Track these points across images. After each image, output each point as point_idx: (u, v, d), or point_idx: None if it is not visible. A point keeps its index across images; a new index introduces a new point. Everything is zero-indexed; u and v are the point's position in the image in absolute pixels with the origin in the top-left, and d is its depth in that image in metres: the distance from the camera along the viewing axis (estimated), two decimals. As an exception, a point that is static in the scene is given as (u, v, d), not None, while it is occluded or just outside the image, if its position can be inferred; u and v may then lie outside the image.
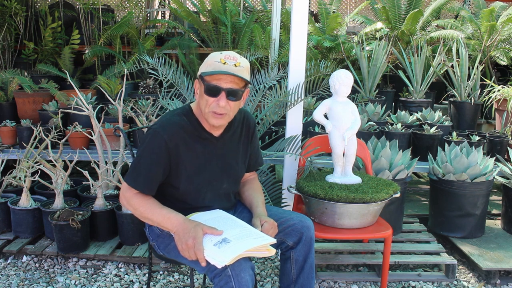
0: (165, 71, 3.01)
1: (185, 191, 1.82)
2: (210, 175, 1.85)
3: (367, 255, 2.72)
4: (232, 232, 1.65)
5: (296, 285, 1.91)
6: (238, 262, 1.56)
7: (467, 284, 2.65)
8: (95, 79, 4.08)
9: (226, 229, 1.66)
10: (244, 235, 1.63)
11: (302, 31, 2.76)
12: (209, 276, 1.62)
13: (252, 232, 1.67)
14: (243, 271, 1.56)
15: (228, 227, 1.68)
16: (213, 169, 1.85)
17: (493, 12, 4.38)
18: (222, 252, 1.54)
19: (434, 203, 3.11)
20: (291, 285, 1.92)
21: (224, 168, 1.88)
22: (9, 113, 3.85)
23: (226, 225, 1.70)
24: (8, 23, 4.39)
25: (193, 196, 1.84)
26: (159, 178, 1.76)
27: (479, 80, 4.10)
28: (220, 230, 1.64)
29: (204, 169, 1.83)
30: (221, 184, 1.89)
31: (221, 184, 1.89)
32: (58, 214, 2.71)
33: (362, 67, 4.07)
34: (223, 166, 1.88)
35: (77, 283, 2.58)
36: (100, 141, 3.06)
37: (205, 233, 1.60)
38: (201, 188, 1.84)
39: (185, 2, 5.53)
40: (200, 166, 1.82)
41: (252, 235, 1.65)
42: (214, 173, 1.85)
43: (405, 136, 3.44)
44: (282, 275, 1.95)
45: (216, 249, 1.56)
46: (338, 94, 2.36)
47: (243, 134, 1.95)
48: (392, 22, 4.85)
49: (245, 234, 1.64)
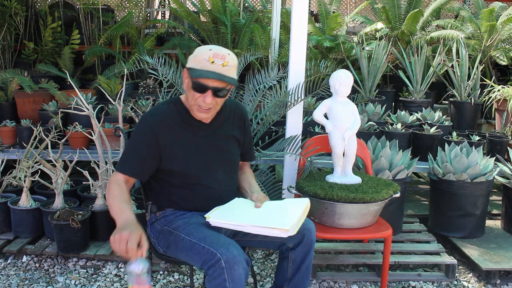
0: (165, 71, 3.01)
1: (181, 176, 1.84)
2: (204, 159, 1.86)
3: (367, 255, 2.72)
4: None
5: (290, 283, 1.92)
6: (232, 255, 1.58)
7: (467, 284, 2.65)
8: (95, 79, 4.07)
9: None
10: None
11: (302, 31, 2.76)
12: (204, 268, 1.63)
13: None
14: (237, 264, 1.57)
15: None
16: (207, 154, 1.87)
17: (493, 12, 4.38)
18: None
19: (434, 203, 3.11)
20: (285, 282, 1.93)
21: (217, 153, 1.90)
22: (9, 113, 3.84)
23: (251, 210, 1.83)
24: (8, 23, 4.39)
25: (191, 179, 1.85)
26: (148, 161, 1.80)
27: (479, 80, 4.10)
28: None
29: (197, 153, 1.85)
30: (217, 168, 1.89)
31: (217, 169, 1.89)
32: (58, 214, 2.71)
33: (362, 67, 4.07)
34: (217, 151, 1.90)
35: (77, 283, 2.58)
36: (100, 141, 3.06)
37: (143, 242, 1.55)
38: (197, 171, 1.85)
39: (185, 2, 5.53)
40: (192, 151, 1.84)
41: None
42: (208, 157, 1.87)
43: (405, 136, 3.44)
44: (278, 272, 1.96)
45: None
46: (338, 94, 2.36)
47: (235, 122, 1.97)
48: (392, 22, 4.85)
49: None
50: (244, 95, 3.21)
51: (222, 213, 1.78)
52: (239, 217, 1.74)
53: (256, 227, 1.68)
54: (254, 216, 1.76)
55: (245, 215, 1.76)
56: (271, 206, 1.86)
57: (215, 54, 1.71)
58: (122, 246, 1.48)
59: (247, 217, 1.74)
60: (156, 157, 1.81)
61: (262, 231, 1.69)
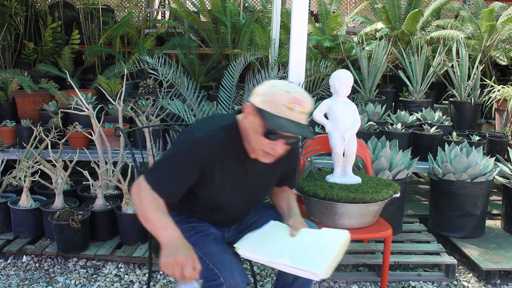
0: (165, 71, 3.01)
1: (203, 203, 1.72)
2: (237, 197, 1.75)
3: (367, 255, 2.72)
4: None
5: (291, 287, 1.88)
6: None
7: (467, 284, 2.65)
8: (95, 79, 4.07)
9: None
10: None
11: (302, 31, 2.76)
12: (204, 283, 1.62)
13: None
14: (235, 270, 1.58)
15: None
16: (238, 193, 1.75)
17: (493, 12, 4.38)
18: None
19: (434, 203, 3.11)
20: (286, 286, 1.88)
21: (248, 194, 1.77)
22: (9, 113, 3.84)
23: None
24: (8, 23, 4.39)
25: (211, 207, 1.75)
26: (185, 187, 1.63)
27: (479, 80, 4.10)
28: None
29: (232, 191, 1.72)
30: (244, 202, 1.80)
31: (244, 203, 1.80)
32: (58, 214, 2.71)
33: (362, 67, 4.06)
34: (248, 192, 1.77)
35: (77, 283, 2.58)
36: (100, 141, 3.06)
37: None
38: (219, 206, 1.75)
39: (185, 2, 5.53)
40: (229, 188, 1.70)
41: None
42: (241, 195, 1.76)
43: (405, 136, 3.44)
44: (279, 276, 1.93)
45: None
46: (338, 94, 2.36)
47: (285, 157, 1.72)
48: (392, 22, 4.84)
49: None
50: (244, 95, 3.21)
51: (253, 244, 1.66)
52: (270, 252, 1.60)
53: (287, 266, 1.56)
54: (287, 251, 1.62)
55: (277, 249, 1.63)
56: (307, 238, 1.71)
57: (295, 100, 1.49)
58: (177, 272, 1.41)
59: (279, 253, 1.60)
60: (193, 182, 1.64)
61: (293, 271, 1.56)
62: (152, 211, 1.55)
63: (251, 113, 1.57)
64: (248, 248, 1.63)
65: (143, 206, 1.57)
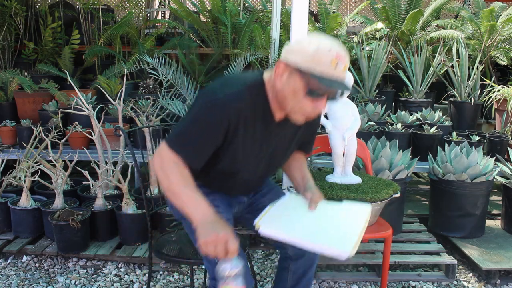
0: (165, 71, 3.01)
1: (221, 169, 1.60)
2: (258, 161, 1.63)
3: (367, 255, 2.72)
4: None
5: None
6: None
7: (467, 284, 2.65)
8: (95, 79, 4.07)
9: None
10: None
11: (302, 31, 2.76)
12: (210, 276, 1.60)
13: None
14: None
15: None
16: (264, 155, 1.63)
17: (493, 12, 4.38)
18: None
19: (434, 203, 3.11)
20: None
21: (269, 158, 1.66)
22: (9, 113, 3.84)
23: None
24: (8, 23, 4.39)
25: (230, 173, 1.63)
26: (210, 152, 1.51)
27: (479, 80, 4.10)
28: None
29: (251, 154, 1.59)
30: (263, 167, 1.68)
31: (263, 168, 1.68)
32: (58, 214, 2.71)
33: (362, 67, 4.07)
34: (270, 156, 1.65)
35: (77, 283, 2.58)
36: (100, 141, 3.06)
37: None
38: (238, 171, 1.62)
39: (185, 2, 5.53)
40: (251, 153, 1.58)
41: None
42: (257, 161, 1.63)
43: (405, 136, 3.44)
44: (278, 280, 1.89)
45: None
46: (338, 94, 2.35)
47: (304, 123, 1.62)
48: (392, 22, 4.84)
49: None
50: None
51: (274, 220, 1.55)
52: (293, 229, 1.52)
53: (313, 244, 1.48)
54: (310, 227, 1.54)
55: (300, 225, 1.54)
56: (329, 213, 1.63)
57: (338, 57, 1.39)
58: (220, 248, 1.34)
59: (301, 229, 1.52)
60: (217, 146, 1.51)
61: (319, 248, 1.49)
62: (180, 186, 1.44)
63: (286, 73, 1.45)
64: (269, 225, 1.52)
65: (170, 181, 1.45)
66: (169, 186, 1.45)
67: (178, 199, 1.44)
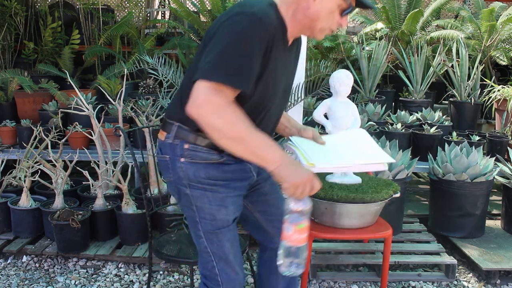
0: (165, 71, 3.01)
1: (253, 105, 1.42)
2: (276, 91, 1.48)
3: (367, 255, 2.72)
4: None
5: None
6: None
7: (467, 284, 2.65)
8: (95, 79, 4.07)
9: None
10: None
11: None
12: (202, 275, 1.60)
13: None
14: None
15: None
16: (280, 85, 1.50)
17: (493, 12, 4.38)
18: None
19: (434, 203, 3.11)
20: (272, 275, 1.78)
21: (283, 91, 1.54)
22: (9, 113, 3.84)
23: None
24: (8, 23, 4.39)
25: (256, 111, 1.44)
26: (254, 81, 1.34)
27: (479, 80, 4.10)
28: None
29: (278, 83, 1.47)
30: (279, 106, 1.56)
31: (279, 106, 1.56)
32: (58, 214, 2.71)
33: (362, 67, 4.07)
34: (284, 88, 1.55)
35: (77, 283, 2.58)
36: (100, 141, 3.06)
37: None
38: (267, 104, 1.47)
39: (185, 2, 5.52)
40: (277, 80, 1.46)
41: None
42: (278, 90, 1.50)
43: (405, 136, 3.44)
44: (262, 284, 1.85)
45: None
46: (338, 94, 2.36)
47: (298, 50, 1.59)
48: (392, 22, 4.84)
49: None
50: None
51: (321, 156, 1.53)
52: (338, 158, 1.54)
53: (362, 165, 1.54)
54: (347, 153, 1.57)
55: (337, 153, 1.56)
56: (343, 141, 1.67)
57: None
58: (307, 189, 1.32)
59: (343, 156, 1.55)
60: (258, 68, 1.35)
61: (367, 167, 1.57)
62: (247, 129, 1.28)
63: None
64: (322, 161, 1.50)
65: (235, 127, 1.27)
66: (235, 132, 1.27)
67: (248, 144, 1.29)
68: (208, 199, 1.49)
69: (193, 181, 1.47)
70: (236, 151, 1.32)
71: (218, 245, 1.53)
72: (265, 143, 1.30)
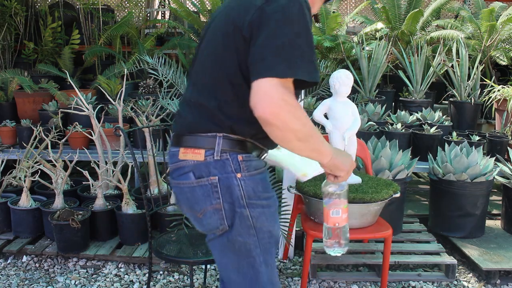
0: (165, 71, 3.01)
1: None
2: None
3: (367, 255, 2.72)
4: None
5: None
6: None
7: (467, 284, 2.65)
8: (95, 79, 4.07)
9: None
10: None
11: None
12: None
13: None
14: None
15: None
16: None
17: (493, 12, 4.38)
18: None
19: (434, 203, 3.11)
20: None
21: None
22: (9, 113, 3.84)
23: None
24: (8, 23, 4.39)
25: None
26: None
27: (479, 80, 4.10)
28: None
29: None
30: None
31: None
32: (58, 214, 2.71)
33: (362, 67, 4.06)
34: None
35: (77, 283, 2.58)
36: (100, 141, 3.06)
37: None
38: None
39: (185, 2, 5.53)
40: None
41: None
42: None
43: (405, 136, 3.44)
44: None
45: None
46: (338, 94, 2.36)
47: None
48: (392, 22, 4.84)
49: None
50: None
51: (303, 163, 1.59)
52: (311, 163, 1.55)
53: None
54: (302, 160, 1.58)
55: (305, 160, 1.55)
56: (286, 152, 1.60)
57: None
58: (350, 174, 1.37)
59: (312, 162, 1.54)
60: None
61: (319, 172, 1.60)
62: (314, 128, 1.22)
63: None
64: (306, 168, 1.58)
65: (306, 126, 1.19)
66: (308, 131, 1.19)
67: (313, 142, 1.21)
68: (266, 216, 1.31)
69: (253, 198, 1.28)
70: (296, 149, 1.22)
71: (271, 269, 1.34)
72: (321, 138, 1.23)
